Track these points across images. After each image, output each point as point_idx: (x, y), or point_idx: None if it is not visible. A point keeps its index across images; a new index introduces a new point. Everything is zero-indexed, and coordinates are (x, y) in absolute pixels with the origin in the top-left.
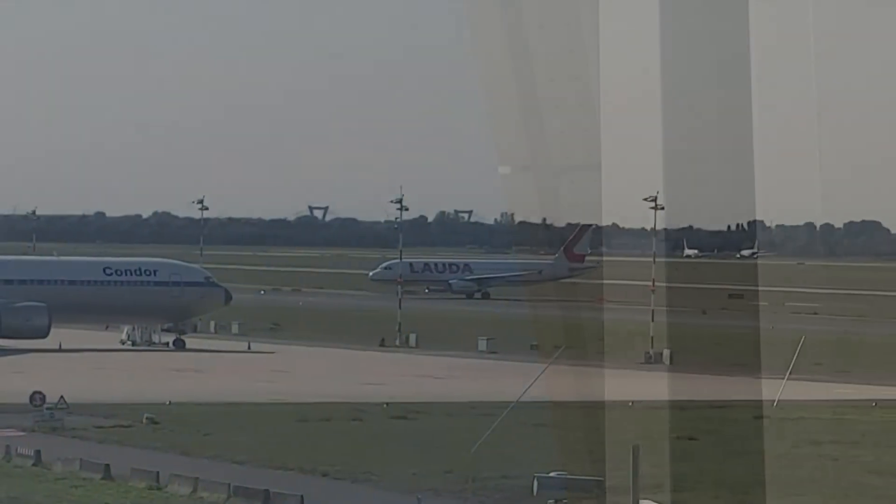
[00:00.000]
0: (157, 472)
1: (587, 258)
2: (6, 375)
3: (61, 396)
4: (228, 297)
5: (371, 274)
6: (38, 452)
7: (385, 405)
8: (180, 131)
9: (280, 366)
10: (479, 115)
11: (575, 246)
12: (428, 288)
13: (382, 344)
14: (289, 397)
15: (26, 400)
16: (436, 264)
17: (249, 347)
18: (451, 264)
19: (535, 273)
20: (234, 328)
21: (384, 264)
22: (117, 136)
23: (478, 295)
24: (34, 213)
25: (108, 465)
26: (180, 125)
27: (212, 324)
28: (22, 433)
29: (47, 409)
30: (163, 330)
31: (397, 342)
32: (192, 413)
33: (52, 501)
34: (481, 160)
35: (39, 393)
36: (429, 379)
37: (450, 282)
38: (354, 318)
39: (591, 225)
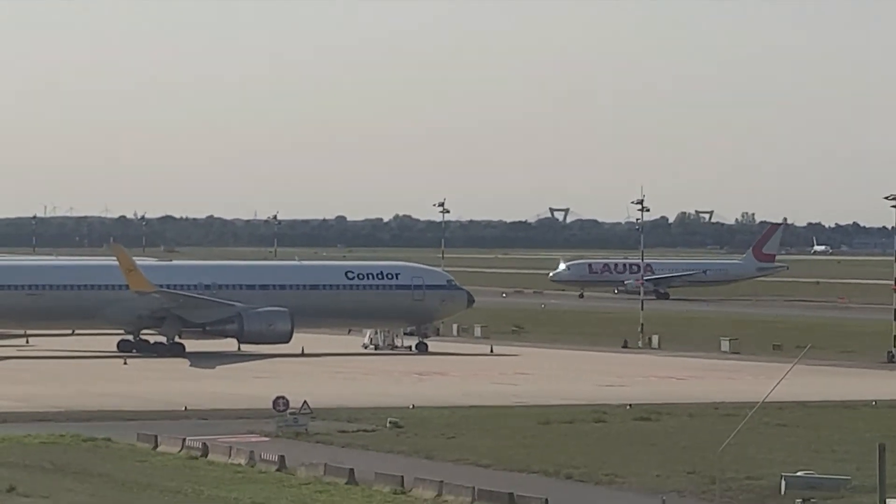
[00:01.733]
0: (402, 477)
1: (777, 257)
2: (249, 381)
3: (304, 401)
4: (471, 300)
5: (551, 275)
6: (281, 458)
7: (628, 406)
8: (421, 135)
9: (523, 368)
10: (716, 116)
11: (764, 245)
12: (616, 289)
13: (625, 345)
14: (531, 399)
15: (269, 405)
16: (616, 265)
17: (492, 350)
18: (631, 264)
19: (720, 273)
20: (477, 331)
21: (564, 265)
22: (358, 139)
23: (653, 295)
24: (275, 217)
25: (352, 470)
26: (420, 129)
27: (454, 326)
28: (266, 438)
29: (291, 414)
30: (405, 333)
31: (640, 343)
32: (435, 416)
33: None
34: (722, 160)
35: (283, 398)
36: (671, 380)
37: (625, 282)
38: (597, 319)
39: (780, 224)
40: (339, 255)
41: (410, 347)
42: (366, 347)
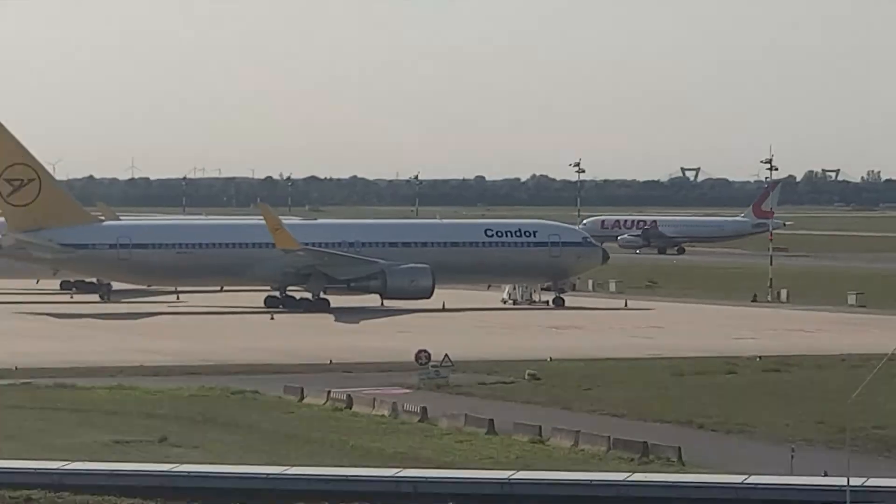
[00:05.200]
0: (539, 427)
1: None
2: (392, 335)
3: (445, 354)
4: (606, 257)
5: None
6: (423, 409)
7: (758, 358)
8: (558, 96)
9: (656, 322)
10: (844, 75)
11: (763, 203)
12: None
13: (755, 299)
14: (665, 352)
15: (412, 359)
16: (626, 221)
17: (626, 304)
18: (639, 221)
19: (717, 229)
20: (612, 286)
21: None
22: (495, 102)
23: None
24: (416, 178)
25: (491, 420)
26: (555, 90)
27: (590, 282)
28: (408, 391)
29: (432, 366)
30: (542, 289)
31: (769, 297)
32: (571, 369)
33: (438, 455)
34: (850, 118)
35: (424, 351)
36: (801, 333)
37: (617, 237)
38: (727, 274)
39: (779, 182)
40: (478, 214)
41: (547, 302)
42: (504, 302)
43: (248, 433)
